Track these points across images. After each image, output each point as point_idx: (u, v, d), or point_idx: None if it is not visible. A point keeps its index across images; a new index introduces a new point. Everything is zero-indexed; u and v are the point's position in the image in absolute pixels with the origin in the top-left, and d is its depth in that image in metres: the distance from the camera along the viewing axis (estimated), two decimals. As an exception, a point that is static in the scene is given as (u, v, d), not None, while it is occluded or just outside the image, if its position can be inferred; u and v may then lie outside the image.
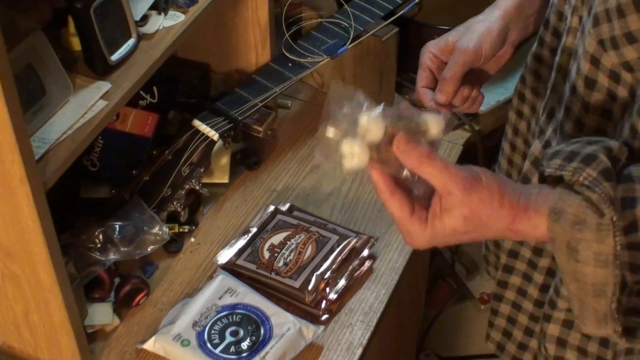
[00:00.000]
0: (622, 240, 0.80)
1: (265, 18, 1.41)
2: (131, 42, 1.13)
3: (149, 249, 1.23)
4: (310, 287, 1.22)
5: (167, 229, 1.26)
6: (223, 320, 1.19)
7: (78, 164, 1.15)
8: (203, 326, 1.18)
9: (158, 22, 1.18)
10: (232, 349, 1.16)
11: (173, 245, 1.32)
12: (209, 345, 1.16)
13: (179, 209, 1.30)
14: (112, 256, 1.20)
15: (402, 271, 1.31)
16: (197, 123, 1.31)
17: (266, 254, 1.27)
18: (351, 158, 0.81)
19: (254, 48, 1.46)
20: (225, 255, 1.29)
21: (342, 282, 1.25)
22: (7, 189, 0.96)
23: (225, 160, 1.41)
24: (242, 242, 1.31)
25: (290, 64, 1.42)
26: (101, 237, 1.20)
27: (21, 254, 1.04)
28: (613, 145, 0.82)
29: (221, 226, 1.37)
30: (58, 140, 1.02)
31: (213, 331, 1.18)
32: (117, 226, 1.21)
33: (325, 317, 1.23)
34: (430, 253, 1.78)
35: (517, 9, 1.12)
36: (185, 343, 1.17)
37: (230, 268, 1.27)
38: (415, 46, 1.59)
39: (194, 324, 1.18)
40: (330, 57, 1.43)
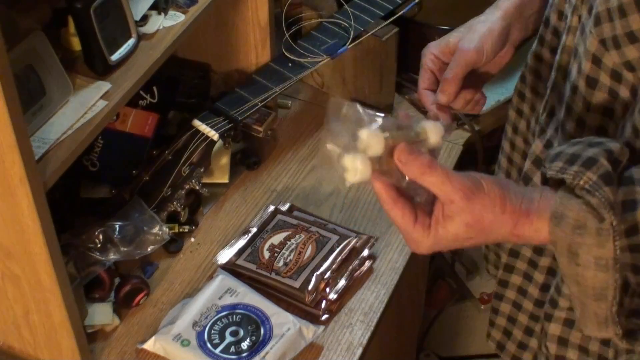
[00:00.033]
0: (623, 243, 0.80)
1: (265, 18, 1.41)
2: (131, 42, 1.13)
3: (149, 249, 1.23)
4: (310, 287, 1.22)
5: (167, 229, 1.26)
6: (223, 320, 1.19)
7: (78, 164, 1.15)
8: (203, 326, 1.18)
9: (158, 22, 1.18)
10: (232, 349, 1.16)
11: (173, 245, 1.32)
12: (209, 345, 1.16)
13: (179, 209, 1.30)
14: (112, 256, 1.20)
15: (402, 271, 1.31)
16: (197, 123, 1.31)
17: (266, 254, 1.27)
18: (354, 173, 0.82)
19: (254, 48, 1.46)
20: (225, 255, 1.29)
21: (342, 282, 1.25)
22: (7, 189, 0.96)
23: (225, 160, 1.41)
24: (242, 242, 1.31)
25: (290, 64, 1.42)
26: (101, 237, 1.20)
27: (21, 254, 1.04)
28: (614, 147, 0.83)
29: (221, 226, 1.37)
30: (58, 140, 1.02)
31: (213, 331, 1.18)
32: (117, 226, 1.21)
33: (325, 317, 1.23)
34: (425, 255, 1.78)
35: (518, 9, 1.12)
36: (185, 343, 1.17)
37: (230, 268, 1.27)
38: (415, 46, 1.59)
39: (194, 324, 1.18)
40: (330, 57, 1.43)
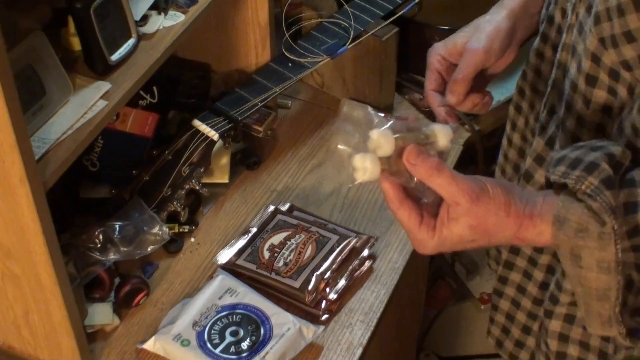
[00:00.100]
0: (626, 245, 0.82)
1: (265, 18, 1.41)
2: (131, 42, 1.13)
3: (149, 249, 1.23)
4: (310, 287, 1.22)
5: (167, 229, 1.26)
6: (223, 320, 1.19)
7: (78, 164, 1.15)
8: (203, 326, 1.18)
9: (158, 22, 1.18)
10: (232, 349, 1.16)
11: (173, 245, 1.32)
12: (209, 345, 1.16)
13: (179, 209, 1.30)
14: (112, 256, 1.20)
15: (402, 271, 1.31)
16: (197, 123, 1.31)
17: (266, 254, 1.27)
18: (363, 172, 0.84)
19: (254, 48, 1.46)
20: (225, 255, 1.29)
21: (342, 282, 1.25)
22: (7, 189, 0.96)
23: (225, 160, 1.41)
24: (242, 242, 1.31)
25: (290, 64, 1.42)
26: (101, 237, 1.20)
27: (21, 254, 1.04)
28: (616, 151, 0.84)
29: (221, 226, 1.37)
30: (58, 140, 1.02)
31: (213, 331, 1.18)
32: (117, 226, 1.21)
33: (325, 317, 1.23)
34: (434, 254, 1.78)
35: (523, 8, 1.12)
36: (185, 343, 1.17)
37: (230, 268, 1.27)
38: (415, 46, 1.60)
39: (194, 324, 1.18)
40: (330, 57, 1.43)
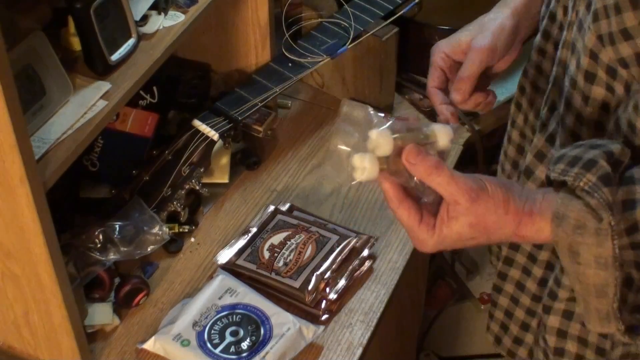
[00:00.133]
0: (625, 242, 0.82)
1: (265, 18, 1.41)
2: (131, 42, 1.13)
3: (149, 249, 1.23)
4: (310, 287, 1.22)
5: (167, 229, 1.26)
6: (223, 320, 1.19)
7: (78, 164, 1.15)
8: (203, 326, 1.18)
9: (158, 22, 1.18)
10: (232, 349, 1.16)
11: (173, 245, 1.32)
12: (209, 345, 1.16)
13: (179, 209, 1.30)
14: (112, 256, 1.20)
15: (402, 271, 1.31)
16: (197, 123, 1.31)
17: (266, 254, 1.27)
18: (362, 171, 0.85)
19: (254, 48, 1.46)
20: (225, 255, 1.30)
21: (342, 282, 1.25)
22: (7, 189, 0.96)
23: (225, 160, 1.41)
24: (242, 242, 1.31)
25: (290, 64, 1.42)
26: (101, 237, 1.20)
27: (21, 254, 1.04)
28: (615, 149, 0.85)
29: (221, 226, 1.37)
30: (58, 140, 1.02)
31: (213, 331, 1.18)
32: (117, 226, 1.21)
33: (325, 317, 1.23)
34: (430, 253, 1.78)
35: (526, 6, 1.13)
36: (185, 343, 1.17)
37: (230, 268, 1.27)
38: (415, 46, 1.60)
39: (194, 324, 1.18)
40: (330, 57, 1.43)
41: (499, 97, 1.58)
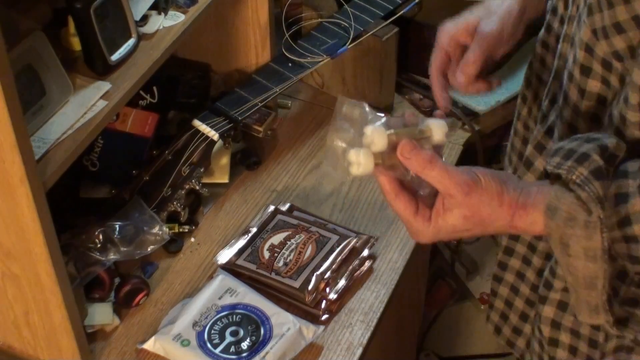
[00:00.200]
0: (617, 235, 0.83)
1: (265, 18, 1.41)
2: (131, 42, 1.13)
3: (149, 249, 1.23)
4: (310, 287, 1.22)
5: (167, 229, 1.26)
6: (223, 320, 1.19)
7: (78, 164, 1.15)
8: (203, 326, 1.18)
9: (158, 22, 1.18)
10: (232, 349, 1.16)
11: (173, 245, 1.32)
12: (209, 345, 1.16)
13: (179, 209, 1.30)
14: (112, 256, 1.20)
15: (402, 271, 1.31)
16: (197, 123, 1.31)
17: (266, 254, 1.27)
18: (357, 166, 0.86)
19: (254, 48, 1.46)
20: (225, 255, 1.29)
21: (342, 282, 1.25)
22: (7, 189, 0.96)
23: (225, 160, 1.41)
24: (242, 242, 1.31)
25: (290, 64, 1.42)
26: (101, 237, 1.20)
27: (21, 254, 1.04)
28: (609, 143, 0.85)
29: (221, 226, 1.37)
30: (58, 140, 1.02)
31: (213, 331, 1.18)
32: (117, 226, 1.21)
33: (325, 317, 1.23)
34: (430, 253, 1.78)
35: None
36: (185, 343, 1.17)
37: (230, 268, 1.27)
38: (415, 46, 1.60)
39: (194, 324, 1.18)
40: (330, 57, 1.43)
41: (499, 97, 1.59)
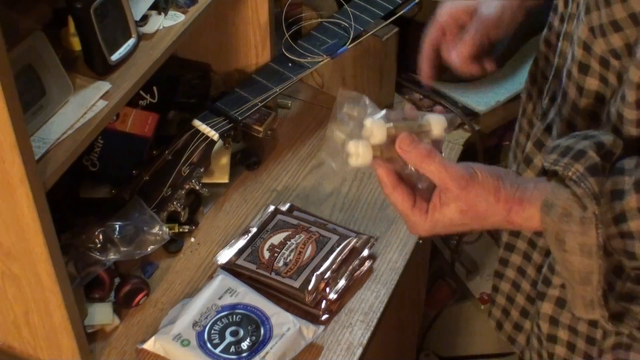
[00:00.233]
0: (613, 231, 0.84)
1: (265, 18, 1.41)
2: (131, 42, 1.13)
3: (149, 249, 1.23)
4: (310, 287, 1.22)
5: (167, 229, 1.26)
6: (223, 320, 1.19)
7: (78, 164, 1.15)
8: (203, 326, 1.18)
9: (158, 22, 1.18)
10: (232, 349, 1.16)
11: (173, 245, 1.32)
12: (209, 345, 1.16)
13: (179, 209, 1.29)
14: (112, 256, 1.20)
15: (402, 271, 1.31)
16: (197, 123, 1.31)
17: (266, 254, 1.27)
18: (356, 157, 0.87)
19: (254, 48, 1.46)
20: (225, 255, 1.29)
21: (342, 282, 1.25)
22: (7, 189, 0.96)
23: (225, 160, 1.41)
24: (242, 242, 1.31)
25: (290, 64, 1.42)
26: (101, 237, 1.20)
27: (21, 254, 1.04)
28: (606, 140, 0.86)
29: (221, 226, 1.37)
30: (58, 140, 1.02)
31: (213, 331, 1.18)
32: (117, 226, 1.21)
33: (325, 317, 1.23)
34: (430, 253, 1.78)
35: None
36: (185, 343, 1.17)
37: (230, 268, 1.27)
38: (415, 46, 1.59)
39: (194, 324, 1.18)
40: (330, 57, 1.43)
41: (499, 97, 1.59)
